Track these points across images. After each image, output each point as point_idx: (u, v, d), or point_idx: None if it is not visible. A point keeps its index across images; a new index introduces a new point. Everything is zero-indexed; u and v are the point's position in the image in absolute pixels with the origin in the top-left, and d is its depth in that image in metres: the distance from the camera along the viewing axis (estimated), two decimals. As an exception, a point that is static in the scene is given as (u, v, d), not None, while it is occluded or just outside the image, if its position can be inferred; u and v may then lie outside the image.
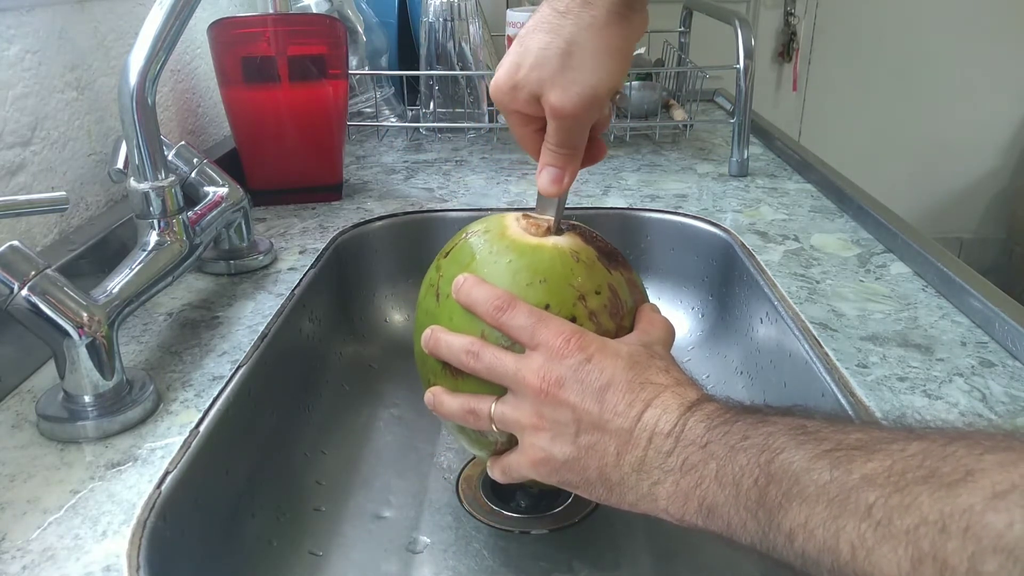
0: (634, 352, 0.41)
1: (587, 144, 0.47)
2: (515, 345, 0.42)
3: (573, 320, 0.43)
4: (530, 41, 0.45)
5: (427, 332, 0.45)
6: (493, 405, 0.42)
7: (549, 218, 0.48)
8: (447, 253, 0.48)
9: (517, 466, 0.43)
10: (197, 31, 0.84)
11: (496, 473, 0.45)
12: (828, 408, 0.50)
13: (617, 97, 0.47)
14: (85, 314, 0.44)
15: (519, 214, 0.49)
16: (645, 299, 0.49)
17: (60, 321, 0.43)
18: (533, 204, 0.49)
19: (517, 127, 0.48)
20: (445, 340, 0.44)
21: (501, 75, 0.46)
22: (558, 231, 0.47)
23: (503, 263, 0.45)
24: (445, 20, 1.04)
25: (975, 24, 1.95)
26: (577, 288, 0.44)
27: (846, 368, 0.51)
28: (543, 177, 0.47)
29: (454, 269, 0.46)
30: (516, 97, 0.45)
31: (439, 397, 0.45)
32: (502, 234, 0.47)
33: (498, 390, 0.43)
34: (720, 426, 0.35)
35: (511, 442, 0.45)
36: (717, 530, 0.34)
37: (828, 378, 0.50)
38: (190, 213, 0.57)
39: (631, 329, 0.45)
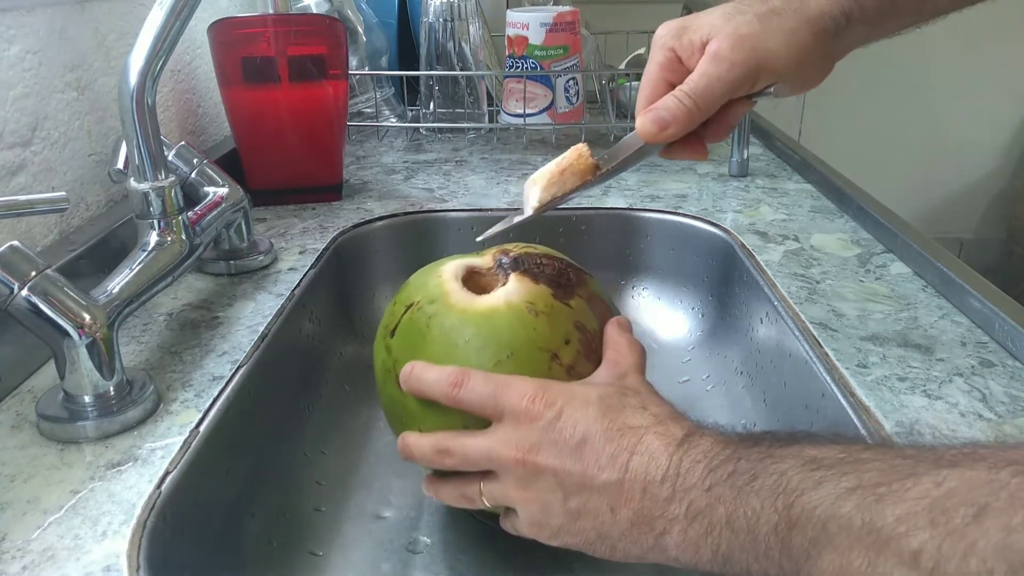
0: (605, 395, 0.39)
1: (705, 124, 0.45)
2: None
3: None
4: (729, 4, 0.44)
5: (399, 442, 0.44)
6: (482, 486, 0.41)
7: (491, 255, 0.47)
8: (392, 330, 0.46)
9: (522, 529, 0.41)
10: (197, 31, 0.84)
11: (507, 528, 0.43)
12: (830, 414, 0.50)
13: (773, 89, 0.46)
14: (85, 314, 0.44)
15: (456, 266, 0.47)
16: (605, 305, 0.47)
17: (60, 321, 0.43)
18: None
19: (653, 67, 0.46)
20: (415, 446, 0.43)
21: (675, 19, 0.45)
22: (507, 269, 0.46)
23: (461, 343, 0.42)
24: (445, 20, 1.04)
25: (976, 24, 1.95)
26: (545, 347, 0.42)
27: (846, 368, 0.51)
28: (648, 116, 0.44)
29: (406, 353, 0.44)
30: (680, 36, 0.44)
31: (433, 486, 0.45)
32: (447, 304, 0.44)
33: (475, 423, 0.41)
34: (721, 466, 0.33)
35: None
36: (730, 573, 0.33)
37: (828, 378, 0.50)
38: (190, 213, 0.57)
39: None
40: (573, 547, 0.39)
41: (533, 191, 0.48)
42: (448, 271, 0.47)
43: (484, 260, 0.48)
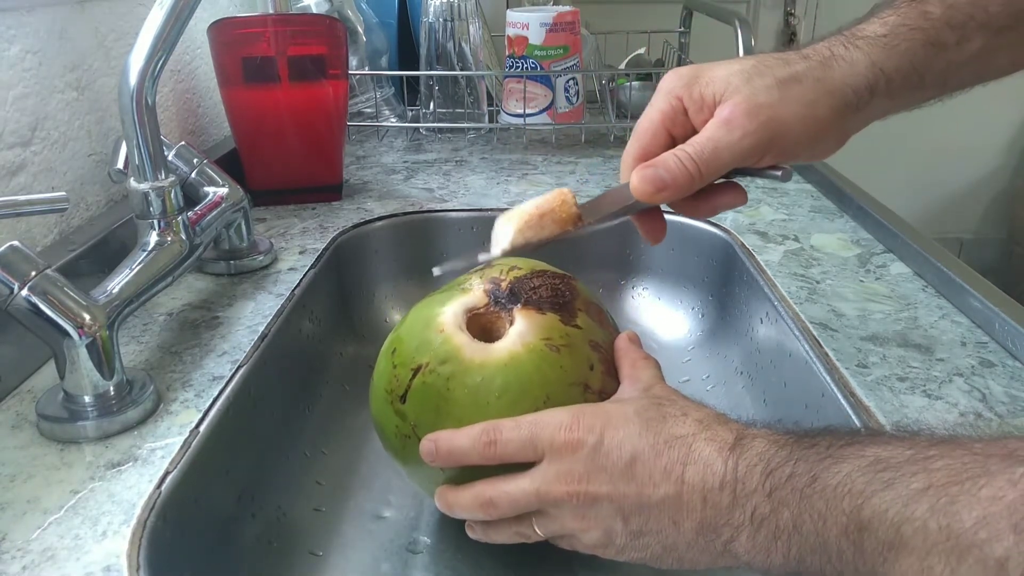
0: (641, 409, 0.38)
1: (694, 197, 0.42)
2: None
3: None
4: (749, 60, 0.41)
5: (436, 499, 0.43)
6: (534, 524, 0.40)
7: (480, 290, 0.44)
8: (402, 396, 0.43)
9: (583, 548, 0.40)
10: (197, 31, 0.84)
11: (564, 546, 0.42)
12: (830, 414, 0.50)
13: (780, 173, 0.43)
14: (85, 314, 0.44)
15: (454, 314, 0.44)
16: (595, 305, 0.47)
17: (60, 321, 0.43)
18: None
19: (655, 113, 0.43)
20: (456, 503, 0.41)
21: (687, 67, 0.42)
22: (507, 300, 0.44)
23: (492, 400, 0.41)
24: (445, 20, 1.04)
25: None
26: (576, 381, 0.41)
27: (846, 368, 0.51)
28: (645, 174, 0.40)
29: (428, 416, 0.42)
30: (691, 86, 0.41)
31: (484, 532, 0.43)
32: (463, 361, 0.41)
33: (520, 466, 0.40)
34: (780, 468, 0.33)
35: None
36: (804, 574, 0.32)
37: (828, 378, 0.50)
38: (190, 213, 0.57)
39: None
40: (639, 562, 0.38)
41: (505, 230, 0.45)
42: (448, 322, 0.44)
43: (475, 296, 0.45)
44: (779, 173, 0.43)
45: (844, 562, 0.30)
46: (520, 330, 0.43)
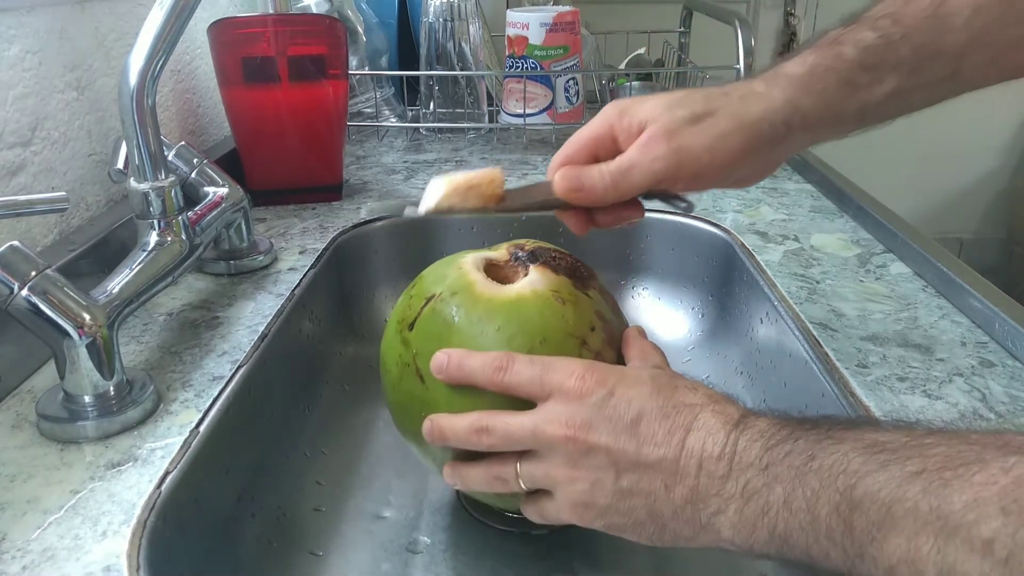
0: (655, 375, 0.39)
1: (604, 208, 0.46)
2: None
3: None
4: (678, 94, 0.44)
5: (427, 425, 0.42)
6: (518, 465, 0.40)
7: (505, 249, 0.47)
8: (411, 324, 0.45)
9: (556, 512, 0.40)
10: (197, 31, 0.84)
11: (532, 515, 0.42)
12: (830, 412, 0.50)
13: (684, 206, 0.48)
14: (85, 314, 0.44)
15: (474, 258, 0.47)
16: (613, 299, 0.48)
17: (60, 321, 0.43)
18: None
19: (587, 133, 0.46)
20: (449, 428, 0.41)
21: (626, 99, 0.45)
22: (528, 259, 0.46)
23: (491, 332, 0.42)
24: (445, 20, 1.04)
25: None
26: (574, 333, 0.42)
27: (846, 368, 0.51)
28: (568, 173, 0.45)
29: (430, 344, 0.43)
30: (622, 117, 0.45)
31: (458, 471, 0.43)
32: (472, 295, 0.44)
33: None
34: (779, 445, 0.33)
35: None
36: (794, 558, 0.32)
37: (828, 378, 0.50)
38: (190, 213, 0.57)
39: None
40: (616, 529, 0.38)
41: (434, 193, 0.48)
42: (468, 263, 0.46)
43: (499, 253, 0.48)
44: (684, 204, 0.47)
45: (832, 541, 0.30)
46: (532, 279, 0.45)
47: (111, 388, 0.46)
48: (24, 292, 0.42)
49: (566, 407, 0.37)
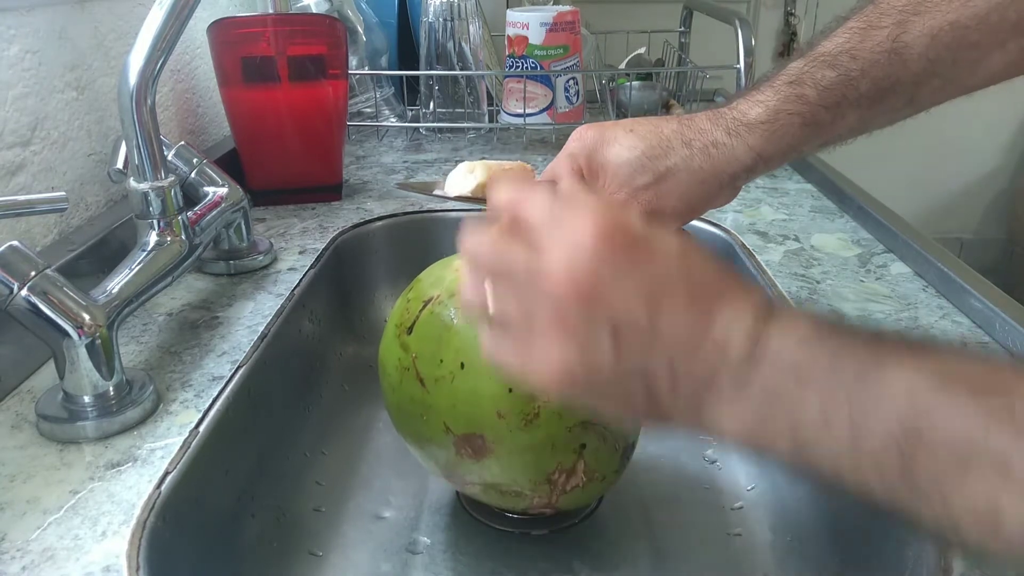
0: (686, 241, 0.32)
1: None
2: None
3: None
4: (638, 146, 0.46)
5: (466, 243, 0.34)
6: (491, 288, 0.33)
7: None
8: (409, 328, 0.44)
9: (533, 377, 0.32)
10: (197, 31, 0.84)
11: (488, 355, 0.35)
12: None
13: None
14: (85, 314, 0.44)
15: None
16: None
17: (60, 321, 0.43)
18: None
19: (560, 169, 0.48)
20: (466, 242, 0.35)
21: (594, 131, 0.47)
22: None
23: None
24: (445, 20, 1.04)
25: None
26: None
27: (846, 368, 0.51)
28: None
29: (429, 348, 0.43)
30: (590, 157, 0.46)
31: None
32: None
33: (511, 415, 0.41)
34: (821, 347, 0.28)
35: (549, 501, 0.44)
36: (806, 465, 0.28)
37: (828, 378, 0.50)
38: (190, 213, 0.57)
39: None
40: (600, 407, 0.33)
41: (468, 178, 0.49)
42: (464, 263, 0.46)
43: None
44: None
45: (880, 473, 0.26)
46: None
47: (111, 388, 0.46)
48: (24, 292, 0.42)
49: (574, 252, 0.30)
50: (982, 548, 0.25)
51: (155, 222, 0.52)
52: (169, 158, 0.63)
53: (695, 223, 0.76)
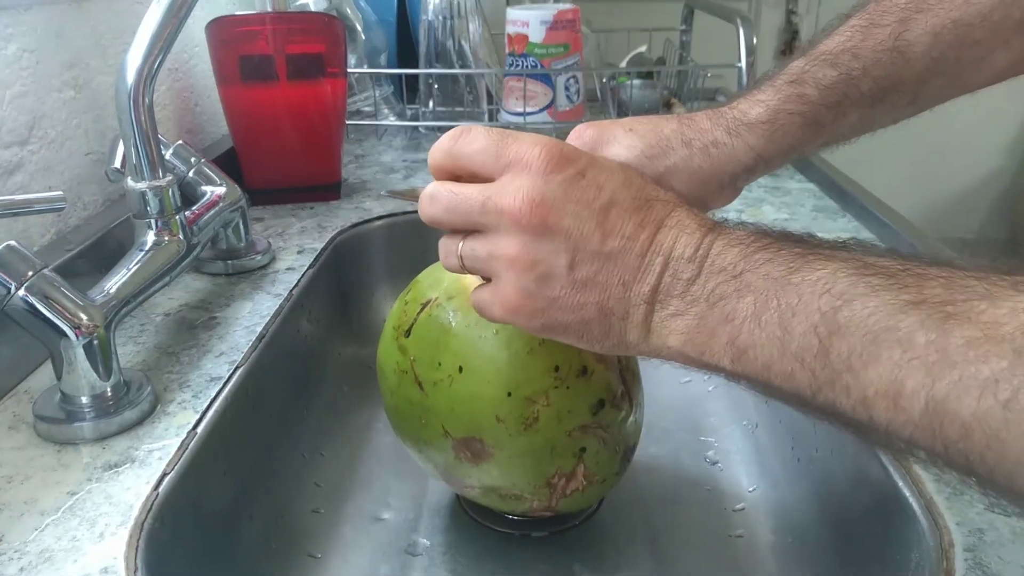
0: (628, 167, 0.35)
1: None
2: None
3: (584, 370, 0.41)
4: (636, 145, 0.44)
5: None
6: (462, 242, 0.36)
7: None
8: (407, 330, 0.44)
9: (490, 304, 0.35)
10: (195, 29, 0.84)
11: (482, 305, 0.37)
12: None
13: None
14: (82, 314, 0.44)
15: None
16: None
17: (57, 321, 0.43)
18: None
19: None
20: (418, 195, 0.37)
21: (591, 133, 0.45)
22: None
23: (490, 335, 0.41)
24: (444, 18, 1.04)
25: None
26: None
27: (848, 369, 0.50)
28: None
29: (427, 350, 0.43)
30: (582, 144, 0.45)
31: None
32: (466, 296, 0.42)
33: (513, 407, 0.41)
34: (758, 253, 0.30)
35: (549, 505, 0.44)
36: (748, 374, 0.30)
37: (830, 379, 0.50)
38: (187, 213, 0.56)
39: None
40: (557, 330, 0.34)
41: None
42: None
43: None
44: None
45: (801, 362, 0.27)
46: None
47: (108, 389, 0.46)
48: (21, 292, 0.42)
49: (526, 180, 0.33)
50: (890, 430, 0.26)
51: (153, 222, 0.52)
52: (167, 157, 0.63)
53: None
